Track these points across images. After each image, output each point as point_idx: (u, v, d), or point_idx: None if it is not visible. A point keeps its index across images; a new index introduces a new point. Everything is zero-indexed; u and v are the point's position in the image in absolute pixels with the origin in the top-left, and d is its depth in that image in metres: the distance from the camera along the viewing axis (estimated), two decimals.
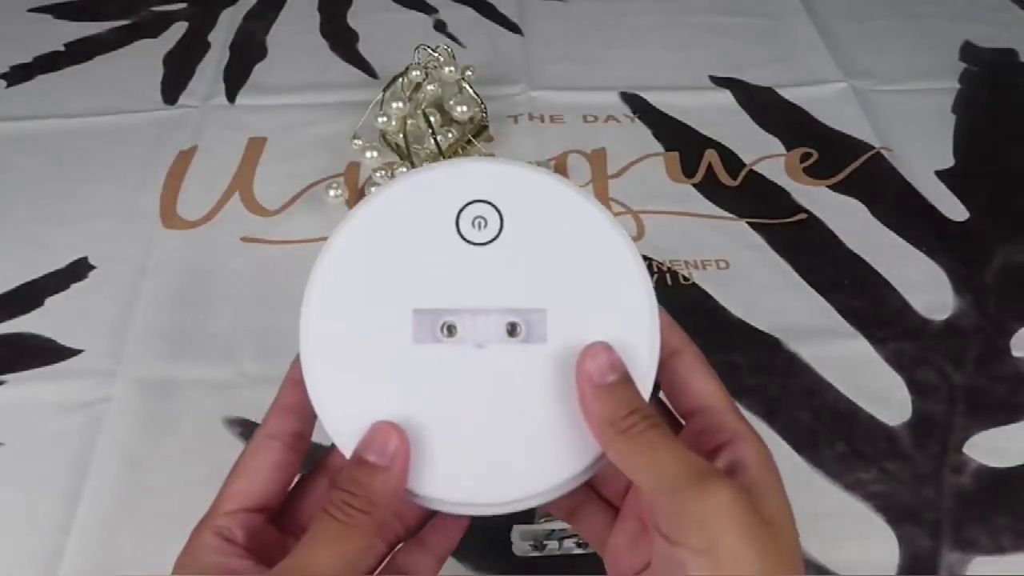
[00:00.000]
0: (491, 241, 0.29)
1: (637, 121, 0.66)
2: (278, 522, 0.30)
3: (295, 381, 0.29)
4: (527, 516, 0.40)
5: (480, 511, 0.28)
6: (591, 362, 0.27)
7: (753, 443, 0.28)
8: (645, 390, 0.28)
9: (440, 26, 0.75)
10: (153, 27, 0.75)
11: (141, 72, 0.70)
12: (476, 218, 0.29)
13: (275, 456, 0.29)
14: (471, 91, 0.63)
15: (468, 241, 0.29)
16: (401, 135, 0.61)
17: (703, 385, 0.29)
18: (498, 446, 0.28)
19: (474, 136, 0.63)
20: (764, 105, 0.68)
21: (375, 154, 0.61)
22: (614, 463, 0.27)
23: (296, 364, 0.29)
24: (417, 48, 0.64)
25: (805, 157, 0.63)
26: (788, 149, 0.64)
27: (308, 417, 0.29)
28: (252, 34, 0.75)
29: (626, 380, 0.27)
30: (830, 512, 0.44)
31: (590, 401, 0.27)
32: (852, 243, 0.57)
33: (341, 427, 0.28)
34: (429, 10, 0.77)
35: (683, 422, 0.30)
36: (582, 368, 0.28)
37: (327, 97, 0.68)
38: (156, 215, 0.59)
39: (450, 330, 0.28)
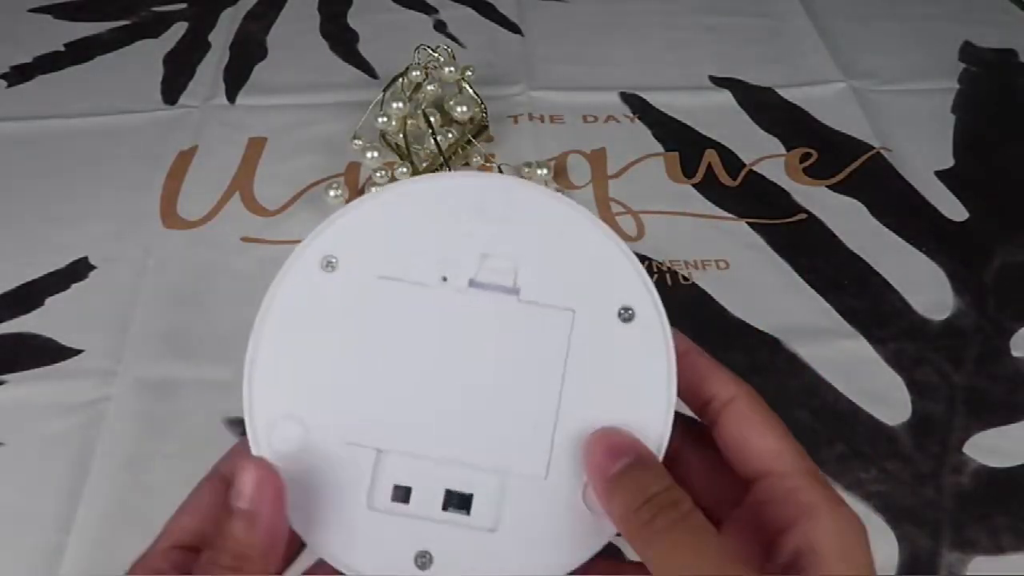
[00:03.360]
0: None
1: (637, 121, 0.66)
2: None
3: None
4: None
5: None
6: (595, 454, 0.24)
7: (828, 520, 0.23)
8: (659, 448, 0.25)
9: (440, 26, 0.75)
10: (153, 27, 0.75)
11: (141, 72, 0.70)
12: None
13: (221, 496, 0.27)
14: (471, 91, 0.63)
15: None
16: (401, 135, 0.61)
17: (762, 443, 0.25)
18: None
19: (474, 136, 0.63)
20: (764, 105, 0.68)
21: (375, 154, 0.61)
22: None
23: None
24: (417, 48, 0.64)
25: (805, 157, 0.63)
26: (788, 149, 0.64)
27: None
28: (252, 34, 0.75)
29: (637, 463, 0.24)
30: None
31: (602, 497, 0.24)
32: (852, 243, 0.57)
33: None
34: (429, 10, 0.77)
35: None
36: (588, 463, 0.24)
37: (327, 97, 0.68)
38: (156, 215, 0.58)
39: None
